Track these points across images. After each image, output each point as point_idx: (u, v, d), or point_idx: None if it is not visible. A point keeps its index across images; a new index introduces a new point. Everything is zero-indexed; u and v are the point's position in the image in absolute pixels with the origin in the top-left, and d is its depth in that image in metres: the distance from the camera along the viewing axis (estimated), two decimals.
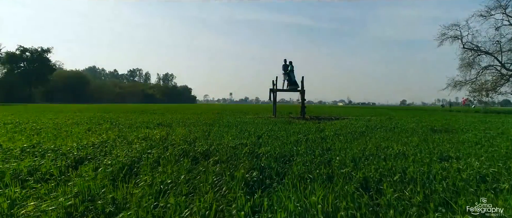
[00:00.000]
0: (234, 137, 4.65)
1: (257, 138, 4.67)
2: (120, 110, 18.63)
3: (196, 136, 4.67)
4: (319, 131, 5.98)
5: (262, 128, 6.48)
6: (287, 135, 5.21)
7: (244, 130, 5.88)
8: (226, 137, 4.68)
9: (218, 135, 4.93)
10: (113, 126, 6.60)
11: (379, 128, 7.02)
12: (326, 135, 5.22)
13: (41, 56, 59.98)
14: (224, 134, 5.01)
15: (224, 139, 4.46)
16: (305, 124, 8.11)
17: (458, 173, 2.49)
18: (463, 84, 30.32)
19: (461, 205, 1.77)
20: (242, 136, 4.86)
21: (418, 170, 2.58)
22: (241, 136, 4.85)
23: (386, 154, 3.39)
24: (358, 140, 4.81)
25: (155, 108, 24.39)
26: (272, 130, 5.91)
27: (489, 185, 2.19)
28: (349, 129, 6.38)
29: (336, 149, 3.80)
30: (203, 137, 4.66)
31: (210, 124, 7.38)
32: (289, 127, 6.99)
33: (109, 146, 3.71)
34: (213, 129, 5.98)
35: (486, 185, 2.19)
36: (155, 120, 8.46)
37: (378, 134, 5.60)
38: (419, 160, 3.02)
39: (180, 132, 5.17)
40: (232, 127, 6.62)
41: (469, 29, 28.49)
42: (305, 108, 12.71)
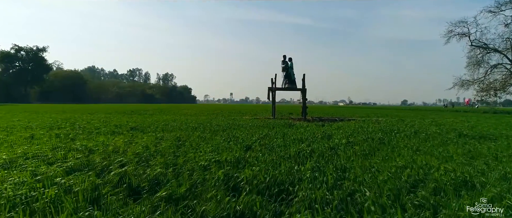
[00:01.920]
0: (214, 148, 3.45)
1: (245, 150, 3.47)
2: (108, 110, 17.45)
3: (161, 148, 3.47)
4: (326, 137, 4.78)
5: (255, 132, 5.29)
6: (285, 143, 4.02)
7: (232, 136, 4.68)
8: (203, 148, 3.48)
9: (194, 145, 3.73)
10: (73, 130, 5.42)
11: (396, 132, 5.82)
12: (336, 144, 4.02)
13: (36, 56, 58.71)
14: (203, 144, 3.82)
15: (199, 151, 3.26)
16: (307, 127, 6.92)
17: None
18: (471, 84, 29.06)
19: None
20: (226, 146, 3.66)
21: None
22: (224, 146, 3.65)
23: (439, 180, 2.18)
24: (379, 151, 3.61)
25: (149, 108, 23.22)
26: (267, 136, 4.71)
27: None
28: (362, 135, 5.18)
29: (355, 168, 2.62)
30: (171, 148, 3.46)
31: (195, 127, 6.19)
32: (289, 131, 5.80)
33: (17, 165, 2.53)
34: (193, 135, 4.78)
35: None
36: (133, 123, 7.27)
37: (402, 142, 4.40)
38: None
39: (145, 141, 3.97)
40: (219, 131, 5.43)
41: (478, 26, 27.18)
42: (306, 108, 11.51)
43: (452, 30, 27.99)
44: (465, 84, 29.29)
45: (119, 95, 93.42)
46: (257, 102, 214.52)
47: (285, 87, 11.84)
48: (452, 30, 27.99)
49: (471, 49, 28.31)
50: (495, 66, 27.91)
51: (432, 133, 5.76)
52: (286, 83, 11.82)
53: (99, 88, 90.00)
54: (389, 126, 7.64)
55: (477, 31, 27.24)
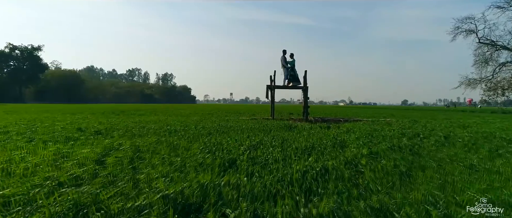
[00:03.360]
0: (178, 167, 2.35)
1: (225, 168, 2.37)
2: (97, 110, 16.35)
3: (108, 165, 2.36)
4: (338, 144, 3.67)
5: (248, 137, 4.19)
6: (285, 155, 2.92)
7: (215, 143, 3.58)
8: (162, 166, 2.37)
9: (155, 160, 2.62)
10: (19, 134, 4.31)
11: (423, 137, 4.72)
12: (354, 157, 2.91)
13: (31, 55, 57.51)
14: (167, 157, 2.71)
15: (153, 173, 2.15)
16: (311, 130, 5.83)
17: None
18: (478, 82, 27.97)
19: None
20: (199, 161, 2.56)
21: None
22: (195, 162, 2.55)
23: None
24: (419, 168, 2.52)
25: (143, 108, 22.12)
26: (261, 144, 3.61)
27: None
28: (382, 141, 4.08)
29: (399, 205, 1.53)
30: (117, 166, 2.35)
31: (175, 131, 5.08)
32: (290, 135, 4.70)
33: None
34: (164, 142, 3.68)
35: None
36: (106, 125, 6.17)
37: (439, 153, 3.30)
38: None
39: (88, 153, 2.85)
40: (202, 136, 4.32)
41: (486, 22, 26.06)
42: (308, 108, 10.40)
43: (459, 27, 26.91)
44: (472, 83, 28.21)
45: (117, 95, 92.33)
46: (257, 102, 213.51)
47: (285, 85, 10.73)
48: (459, 27, 26.90)
49: (478, 46, 27.23)
50: (504, 64, 26.82)
51: (465, 138, 4.66)
52: (287, 81, 10.71)
53: (97, 88, 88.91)
54: (406, 128, 6.54)
55: (485, 27, 26.15)
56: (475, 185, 2.00)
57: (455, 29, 27.13)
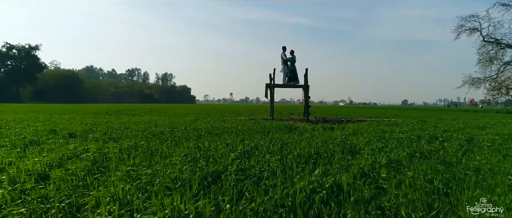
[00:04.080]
0: (143, 186, 1.78)
1: (206, 185, 1.80)
2: (89, 110, 15.79)
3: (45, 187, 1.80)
4: (348, 150, 3.11)
5: (242, 141, 3.63)
6: (284, 165, 2.35)
7: (202, 149, 3.02)
8: (114, 190, 1.80)
9: (116, 172, 2.05)
10: None
11: (442, 140, 4.16)
12: (371, 166, 2.35)
13: (29, 54, 56.85)
14: (134, 169, 2.14)
15: (104, 195, 1.58)
16: (313, 131, 5.27)
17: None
18: (482, 82, 27.36)
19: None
20: (175, 175, 1.99)
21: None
22: (170, 176, 1.98)
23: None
24: (457, 181, 1.96)
25: (138, 108, 21.56)
26: (256, 150, 3.05)
27: None
28: (398, 145, 3.52)
29: None
30: (60, 183, 1.79)
31: (160, 133, 4.52)
32: (291, 137, 4.14)
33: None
34: (142, 148, 3.12)
35: None
36: (88, 126, 5.61)
37: (471, 160, 2.74)
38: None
39: (34, 163, 2.28)
40: (190, 140, 3.76)
41: (490, 21, 25.44)
42: (309, 108, 9.82)
43: (462, 25, 26.29)
44: (476, 82, 27.60)
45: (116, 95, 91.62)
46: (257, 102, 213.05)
47: (285, 84, 10.17)
48: (463, 25, 26.29)
49: (482, 45, 26.61)
50: (509, 63, 26.22)
51: (490, 140, 4.10)
52: (286, 79, 10.15)
53: (96, 88, 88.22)
54: (417, 129, 5.98)
55: (489, 25, 25.53)
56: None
57: (459, 27, 26.52)
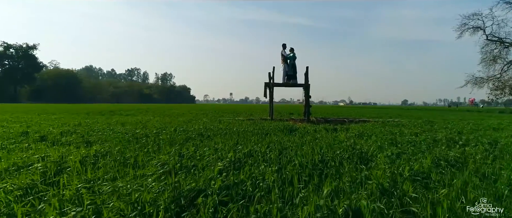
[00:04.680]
0: (83, 217, 1.31)
1: (177, 211, 1.33)
2: (81, 110, 15.31)
3: None
4: (358, 157, 2.63)
5: (235, 145, 3.16)
6: (284, 180, 1.88)
7: (187, 156, 2.55)
8: None
9: (57, 195, 1.58)
10: None
11: (462, 144, 3.70)
12: (392, 180, 1.88)
13: (26, 54, 56.28)
14: (86, 187, 1.66)
15: None
16: (316, 133, 4.81)
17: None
18: (485, 81, 26.89)
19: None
20: (136, 198, 1.51)
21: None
22: (125, 201, 1.50)
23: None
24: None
25: (134, 108, 21.08)
26: (251, 155, 2.58)
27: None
28: (421, 155, 3.05)
29: None
30: None
31: (142, 136, 4.04)
32: (291, 140, 3.67)
33: None
34: (116, 152, 2.64)
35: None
36: (68, 128, 5.14)
37: (506, 170, 2.28)
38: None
39: None
40: (176, 145, 3.29)
41: (494, 19, 24.94)
42: (310, 107, 9.34)
43: (465, 24, 25.80)
44: (479, 82, 27.13)
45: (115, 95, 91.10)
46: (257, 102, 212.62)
47: (285, 83, 9.69)
48: (466, 24, 25.81)
49: (485, 43, 26.14)
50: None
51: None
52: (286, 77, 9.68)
53: (95, 88, 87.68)
54: (427, 131, 5.52)
55: (493, 24, 25.03)
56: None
57: (462, 26, 26.02)
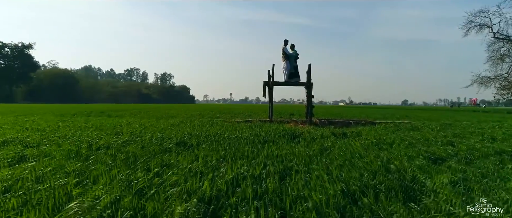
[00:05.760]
0: None
1: None
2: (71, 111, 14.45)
3: None
4: (401, 187, 1.79)
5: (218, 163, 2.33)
6: None
7: (135, 186, 1.70)
8: None
9: None
10: None
11: None
12: None
13: (22, 53, 55.27)
14: None
15: None
16: (323, 140, 3.97)
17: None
18: (492, 81, 26.02)
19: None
20: None
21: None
22: None
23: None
24: None
25: (129, 108, 20.22)
26: (237, 185, 1.73)
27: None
28: (493, 183, 2.21)
29: None
30: None
31: (101, 147, 3.19)
32: (295, 152, 2.84)
33: None
34: (30, 179, 1.80)
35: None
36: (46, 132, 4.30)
37: None
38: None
39: None
40: (139, 163, 2.44)
41: (501, 16, 24.06)
42: (312, 108, 8.48)
43: (472, 21, 24.94)
44: (485, 81, 26.26)
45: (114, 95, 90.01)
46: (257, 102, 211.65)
47: (286, 82, 8.82)
48: (472, 21, 24.94)
49: (492, 42, 25.27)
50: None
51: None
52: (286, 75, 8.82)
53: (93, 88, 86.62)
54: (450, 136, 4.68)
55: (501, 21, 24.16)
56: None
57: (468, 24, 25.14)
